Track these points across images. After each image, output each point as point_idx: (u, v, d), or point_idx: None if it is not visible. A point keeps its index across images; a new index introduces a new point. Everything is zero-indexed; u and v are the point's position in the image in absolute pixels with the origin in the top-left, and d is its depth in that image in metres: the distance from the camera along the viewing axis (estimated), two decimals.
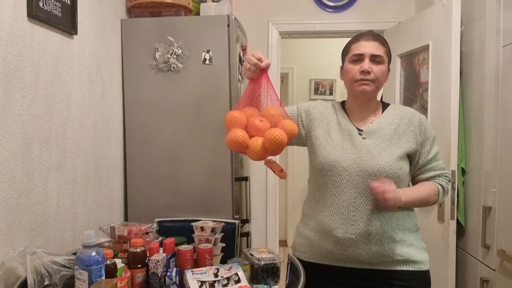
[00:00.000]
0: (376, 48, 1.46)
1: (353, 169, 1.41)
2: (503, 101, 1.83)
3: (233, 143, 1.35)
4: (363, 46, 1.47)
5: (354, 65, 1.47)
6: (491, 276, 1.87)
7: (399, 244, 1.42)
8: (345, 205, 1.41)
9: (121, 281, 1.31)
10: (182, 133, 2.26)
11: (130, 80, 2.28)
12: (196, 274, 1.39)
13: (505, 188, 1.79)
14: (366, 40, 1.48)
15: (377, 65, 1.45)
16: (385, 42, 1.52)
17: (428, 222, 2.26)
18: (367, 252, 1.40)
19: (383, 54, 1.47)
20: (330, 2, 2.95)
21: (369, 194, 1.39)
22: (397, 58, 2.66)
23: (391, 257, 1.41)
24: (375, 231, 1.39)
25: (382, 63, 1.46)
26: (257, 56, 1.40)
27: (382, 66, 1.46)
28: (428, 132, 1.50)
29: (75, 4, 1.74)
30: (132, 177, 2.31)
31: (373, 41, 1.47)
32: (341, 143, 1.47)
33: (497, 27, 1.89)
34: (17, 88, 1.43)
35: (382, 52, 1.47)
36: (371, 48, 1.45)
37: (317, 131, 1.53)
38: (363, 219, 1.39)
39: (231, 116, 1.38)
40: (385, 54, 1.48)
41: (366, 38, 1.48)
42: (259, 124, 1.35)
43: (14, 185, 1.41)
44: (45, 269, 1.27)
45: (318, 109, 1.58)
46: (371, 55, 1.45)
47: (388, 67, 1.51)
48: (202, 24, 2.24)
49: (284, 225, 4.86)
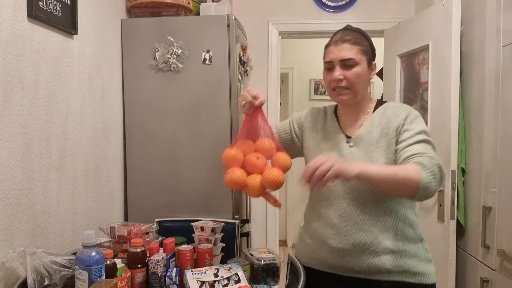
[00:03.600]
0: (346, 50, 1.36)
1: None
2: (503, 101, 1.83)
3: (232, 183, 1.35)
4: (331, 51, 1.39)
5: (327, 73, 1.40)
6: (491, 276, 1.87)
7: (398, 255, 1.33)
8: (336, 216, 1.37)
9: (121, 281, 1.31)
10: (182, 133, 2.25)
11: (130, 80, 2.28)
12: (196, 274, 1.39)
13: (505, 188, 1.79)
14: (335, 44, 1.39)
15: (349, 70, 1.36)
16: (359, 39, 1.39)
17: (428, 222, 2.26)
18: (362, 262, 1.34)
19: (354, 56, 1.36)
20: (330, 2, 2.95)
21: (360, 204, 1.34)
22: (397, 58, 2.66)
23: (388, 269, 1.33)
24: (369, 241, 1.33)
25: (355, 66, 1.36)
26: (252, 94, 1.37)
27: (356, 69, 1.36)
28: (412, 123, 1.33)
29: (75, 4, 1.74)
30: (132, 177, 2.31)
31: (343, 43, 1.37)
32: (329, 152, 1.40)
33: (497, 27, 1.89)
34: (17, 88, 1.43)
35: (353, 54, 1.36)
36: (339, 53, 1.36)
37: (309, 141, 1.50)
38: (356, 229, 1.34)
39: (229, 155, 1.38)
40: (359, 53, 1.37)
41: (335, 42, 1.39)
42: (256, 161, 1.36)
43: (14, 185, 1.41)
44: (45, 269, 1.27)
45: (310, 117, 1.54)
46: (340, 61, 1.36)
47: (368, 64, 1.40)
48: (202, 24, 2.24)
49: (284, 225, 4.86)
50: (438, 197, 2.17)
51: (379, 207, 1.34)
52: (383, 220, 1.34)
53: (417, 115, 1.37)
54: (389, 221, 1.34)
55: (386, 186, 1.25)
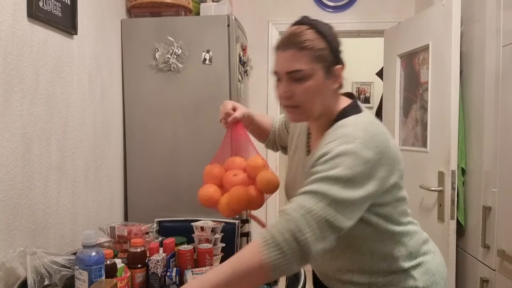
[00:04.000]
0: (292, 59, 1.05)
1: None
2: (503, 101, 1.83)
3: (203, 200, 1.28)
4: (278, 59, 1.09)
5: (276, 87, 1.12)
6: (491, 276, 1.87)
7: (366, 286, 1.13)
8: None
9: (121, 281, 1.31)
10: (182, 133, 2.26)
11: (130, 80, 2.28)
12: (196, 274, 1.39)
13: (505, 188, 1.79)
14: (281, 49, 1.08)
15: (299, 84, 1.05)
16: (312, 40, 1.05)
17: (428, 222, 2.26)
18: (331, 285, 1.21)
19: (304, 66, 1.04)
20: (330, 2, 2.95)
21: None
22: (397, 58, 2.66)
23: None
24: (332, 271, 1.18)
25: (306, 78, 1.05)
26: (225, 110, 1.29)
27: (308, 83, 1.05)
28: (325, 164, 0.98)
29: (75, 4, 1.74)
30: (132, 177, 2.31)
31: (289, 48, 1.06)
32: (295, 167, 1.25)
33: (497, 27, 1.89)
34: (17, 88, 1.43)
35: (303, 64, 1.04)
36: (285, 63, 1.07)
37: (289, 150, 1.35)
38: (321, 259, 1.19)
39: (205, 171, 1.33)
40: (311, 61, 1.04)
41: (282, 46, 1.09)
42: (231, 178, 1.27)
43: (14, 185, 1.41)
44: (45, 269, 1.27)
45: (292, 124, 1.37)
46: (286, 73, 1.06)
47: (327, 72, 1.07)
48: (202, 24, 2.24)
49: None
50: (438, 197, 2.17)
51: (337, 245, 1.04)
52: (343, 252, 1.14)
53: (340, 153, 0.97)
54: (349, 253, 1.14)
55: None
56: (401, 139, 2.66)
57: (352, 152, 0.96)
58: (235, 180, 1.27)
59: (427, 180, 2.25)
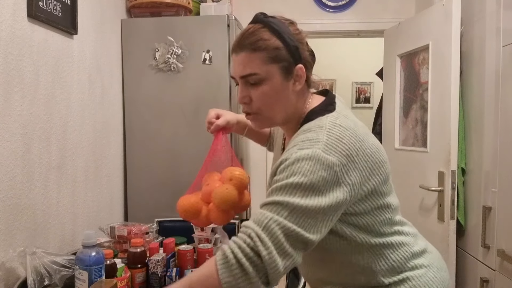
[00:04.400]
0: (245, 63, 0.99)
1: None
2: (503, 101, 1.83)
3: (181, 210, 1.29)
4: (233, 63, 1.04)
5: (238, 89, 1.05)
6: (491, 276, 1.87)
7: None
8: None
9: (121, 281, 1.31)
10: (182, 133, 2.26)
11: (130, 80, 2.28)
12: None
13: (505, 188, 1.79)
14: (234, 52, 1.03)
15: (255, 88, 0.99)
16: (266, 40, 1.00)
17: (428, 222, 2.26)
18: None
19: (257, 69, 0.97)
20: (330, 2, 2.95)
21: None
22: (397, 58, 2.66)
23: None
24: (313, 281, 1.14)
25: (261, 81, 0.98)
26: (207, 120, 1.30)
27: (264, 87, 0.98)
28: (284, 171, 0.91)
29: (75, 4, 1.74)
30: (132, 177, 2.31)
31: (242, 51, 1.00)
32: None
33: (497, 27, 1.89)
34: (17, 88, 1.43)
35: (256, 66, 0.97)
36: (238, 67, 1.01)
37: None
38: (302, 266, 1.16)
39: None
40: (265, 63, 0.97)
41: (234, 49, 1.03)
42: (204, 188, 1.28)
43: (14, 185, 1.41)
44: (45, 269, 1.27)
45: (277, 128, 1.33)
46: (240, 77, 1.01)
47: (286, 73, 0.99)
48: (202, 24, 2.24)
49: None
50: (438, 197, 2.17)
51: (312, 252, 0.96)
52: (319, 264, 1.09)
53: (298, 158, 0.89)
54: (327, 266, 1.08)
55: None
56: (401, 139, 2.66)
57: (311, 157, 0.87)
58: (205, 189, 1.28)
59: (427, 180, 2.25)
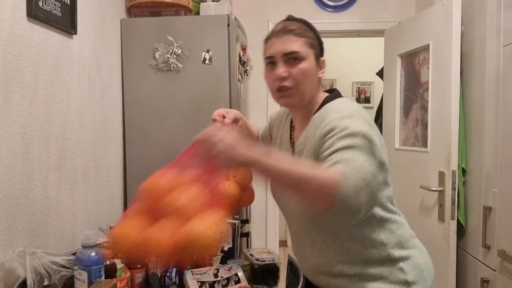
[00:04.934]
0: (289, 43, 1.14)
1: (287, 201, 1.23)
2: (503, 101, 1.83)
3: None
4: (273, 45, 1.17)
5: (269, 72, 1.18)
6: (492, 276, 1.87)
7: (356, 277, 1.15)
8: (293, 239, 1.30)
9: (120, 282, 1.30)
10: (182, 133, 2.25)
11: (130, 80, 2.28)
12: (196, 275, 1.39)
13: (506, 188, 1.79)
14: (276, 36, 1.17)
15: (295, 65, 1.14)
16: (306, 29, 1.18)
17: (429, 222, 2.25)
18: (323, 282, 1.22)
19: (299, 48, 1.14)
20: (330, 2, 2.95)
21: (304, 227, 1.22)
22: (397, 58, 2.65)
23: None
24: (322, 265, 1.19)
25: (301, 60, 1.14)
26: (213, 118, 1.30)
27: (302, 65, 1.14)
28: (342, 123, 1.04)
29: (74, 4, 1.74)
30: (132, 177, 2.30)
31: (285, 35, 1.15)
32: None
33: (497, 27, 1.89)
34: (17, 88, 1.42)
35: (298, 46, 1.14)
36: (281, 46, 1.15)
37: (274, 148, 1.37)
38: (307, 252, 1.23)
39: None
40: (305, 46, 1.15)
41: (276, 34, 1.18)
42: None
43: (14, 185, 1.41)
44: (44, 269, 1.27)
45: (276, 122, 1.40)
46: (283, 55, 1.14)
47: (316, 60, 1.17)
48: (202, 24, 2.23)
49: (284, 225, 4.83)
50: (439, 197, 2.17)
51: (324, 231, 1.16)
52: (332, 243, 1.16)
53: (350, 115, 1.07)
54: (339, 244, 1.15)
55: (289, 187, 0.97)
56: (401, 139, 2.66)
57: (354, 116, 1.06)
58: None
59: (428, 180, 2.25)
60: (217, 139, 0.91)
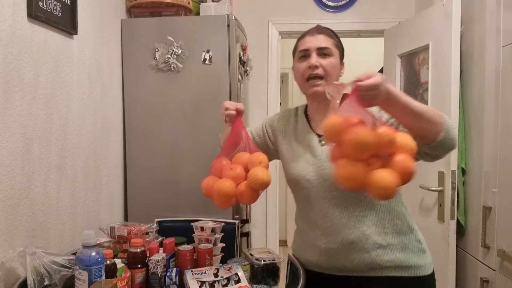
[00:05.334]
0: (322, 40, 1.37)
1: (317, 180, 1.34)
2: (503, 101, 1.83)
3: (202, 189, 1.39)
4: (308, 41, 1.39)
5: (301, 63, 1.38)
6: (491, 276, 1.87)
7: (388, 249, 1.30)
8: (320, 217, 1.35)
9: (121, 281, 1.31)
10: (182, 133, 2.25)
11: (130, 80, 2.28)
12: (196, 274, 1.39)
13: (505, 188, 1.79)
14: (311, 35, 1.40)
15: (325, 59, 1.36)
16: (333, 35, 1.42)
17: (428, 222, 2.26)
18: (351, 261, 1.32)
19: (331, 46, 1.37)
20: (330, 2, 2.95)
21: (340, 202, 1.31)
22: (397, 58, 2.66)
23: (379, 264, 1.30)
24: (357, 238, 1.30)
25: (330, 55, 1.36)
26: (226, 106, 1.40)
27: (331, 59, 1.36)
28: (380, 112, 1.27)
29: (75, 4, 1.74)
30: (132, 177, 2.31)
31: (319, 34, 1.39)
32: (303, 154, 1.39)
33: (497, 27, 1.89)
34: (17, 88, 1.43)
35: (329, 44, 1.37)
36: (316, 42, 1.37)
37: (282, 146, 1.48)
38: (341, 228, 1.31)
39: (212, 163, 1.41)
40: (333, 46, 1.38)
41: (311, 33, 1.41)
42: (226, 173, 1.34)
43: (14, 185, 1.41)
44: (45, 269, 1.27)
45: (281, 121, 1.52)
46: (317, 49, 1.36)
47: (340, 61, 1.40)
48: (202, 24, 2.24)
49: (284, 225, 4.85)
50: (438, 197, 2.17)
51: (360, 202, 1.31)
52: (367, 215, 1.31)
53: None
54: (374, 215, 1.31)
55: (411, 115, 1.15)
56: None
57: None
58: (228, 174, 1.34)
59: (427, 180, 2.25)
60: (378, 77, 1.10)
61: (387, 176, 1.04)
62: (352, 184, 1.07)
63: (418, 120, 1.16)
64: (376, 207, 1.32)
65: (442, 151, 1.21)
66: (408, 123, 1.18)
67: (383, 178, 1.04)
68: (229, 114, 1.39)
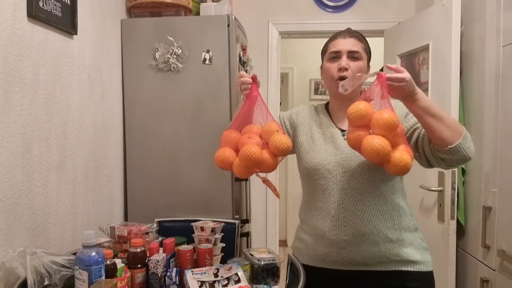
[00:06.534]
0: (353, 44, 1.44)
1: (337, 171, 1.39)
2: (503, 101, 1.83)
3: (218, 161, 1.37)
4: (339, 43, 1.45)
5: (331, 63, 1.45)
6: (491, 276, 1.87)
7: (396, 244, 1.38)
8: (335, 207, 1.39)
9: (121, 281, 1.31)
10: (182, 133, 2.25)
11: (130, 80, 2.28)
12: (196, 274, 1.39)
13: (505, 188, 1.79)
14: (343, 37, 1.46)
15: (354, 62, 1.42)
16: (363, 39, 1.49)
17: (428, 222, 2.26)
18: (362, 253, 1.37)
19: (360, 50, 1.44)
20: (330, 2, 2.95)
21: (357, 194, 1.37)
22: (397, 58, 2.66)
23: (388, 258, 1.37)
24: (369, 231, 1.36)
25: (360, 59, 1.43)
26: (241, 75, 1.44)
27: (360, 63, 1.43)
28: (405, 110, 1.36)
29: (75, 4, 1.74)
30: (132, 177, 2.31)
31: (350, 37, 1.45)
32: (324, 146, 1.44)
33: (497, 27, 1.89)
34: (17, 88, 1.43)
35: (359, 48, 1.44)
36: (347, 45, 1.43)
37: (301, 137, 1.52)
38: (355, 219, 1.37)
39: (222, 136, 1.42)
40: (363, 50, 1.45)
41: (343, 36, 1.47)
42: (245, 141, 1.35)
43: (14, 185, 1.41)
44: (45, 269, 1.27)
45: (301, 114, 1.57)
46: (348, 52, 1.42)
47: (367, 64, 1.48)
48: (202, 24, 2.24)
49: (284, 225, 4.86)
50: (438, 197, 2.17)
51: (376, 196, 1.38)
52: (381, 209, 1.38)
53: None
54: (386, 210, 1.39)
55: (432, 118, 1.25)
56: None
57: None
58: (249, 141, 1.35)
59: (427, 180, 2.25)
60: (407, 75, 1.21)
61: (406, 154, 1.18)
62: (380, 158, 1.17)
63: (438, 123, 1.25)
64: (388, 203, 1.39)
65: (457, 157, 1.29)
66: (429, 124, 1.26)
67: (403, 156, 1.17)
68: (245, 81, 1.42)
